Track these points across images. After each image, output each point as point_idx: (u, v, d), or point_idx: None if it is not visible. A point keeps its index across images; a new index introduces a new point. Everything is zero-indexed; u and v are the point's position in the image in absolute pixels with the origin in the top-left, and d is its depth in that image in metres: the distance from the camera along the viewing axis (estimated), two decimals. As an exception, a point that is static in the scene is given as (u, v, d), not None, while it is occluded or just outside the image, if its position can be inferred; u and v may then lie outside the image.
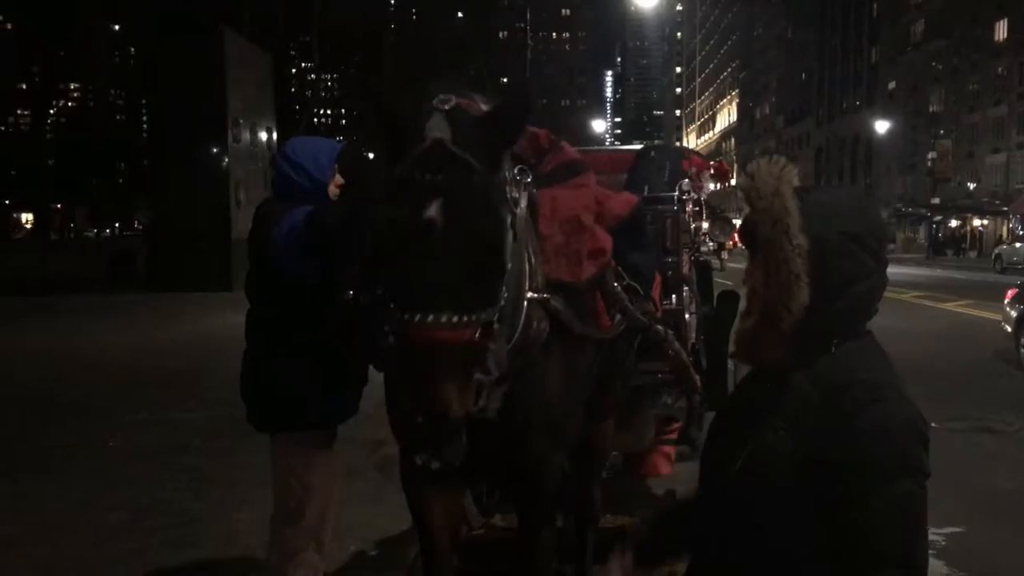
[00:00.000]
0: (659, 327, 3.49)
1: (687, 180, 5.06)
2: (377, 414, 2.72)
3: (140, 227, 72.81)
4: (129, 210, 77.01)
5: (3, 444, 6.81)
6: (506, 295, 2.14)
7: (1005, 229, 48.44)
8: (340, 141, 3.45)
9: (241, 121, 23.38)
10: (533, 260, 2.57)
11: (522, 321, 2.43)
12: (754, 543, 1.66)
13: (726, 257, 5.57)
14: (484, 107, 2.26)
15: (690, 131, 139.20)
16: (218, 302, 18.59)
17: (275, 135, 26.53)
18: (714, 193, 5.73)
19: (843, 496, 1.55)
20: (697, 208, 5.12)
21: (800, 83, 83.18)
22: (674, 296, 4.61)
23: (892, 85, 64.07)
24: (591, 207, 2.93)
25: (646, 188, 5.04)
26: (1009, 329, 11.44)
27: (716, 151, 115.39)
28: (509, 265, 2.13)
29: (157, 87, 23.92)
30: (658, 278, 3.80)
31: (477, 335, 2.01)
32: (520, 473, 2.77)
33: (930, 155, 53.86)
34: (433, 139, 2.06)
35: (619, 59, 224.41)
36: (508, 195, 2.18)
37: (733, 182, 3.73)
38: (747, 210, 1.72)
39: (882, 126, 55.62)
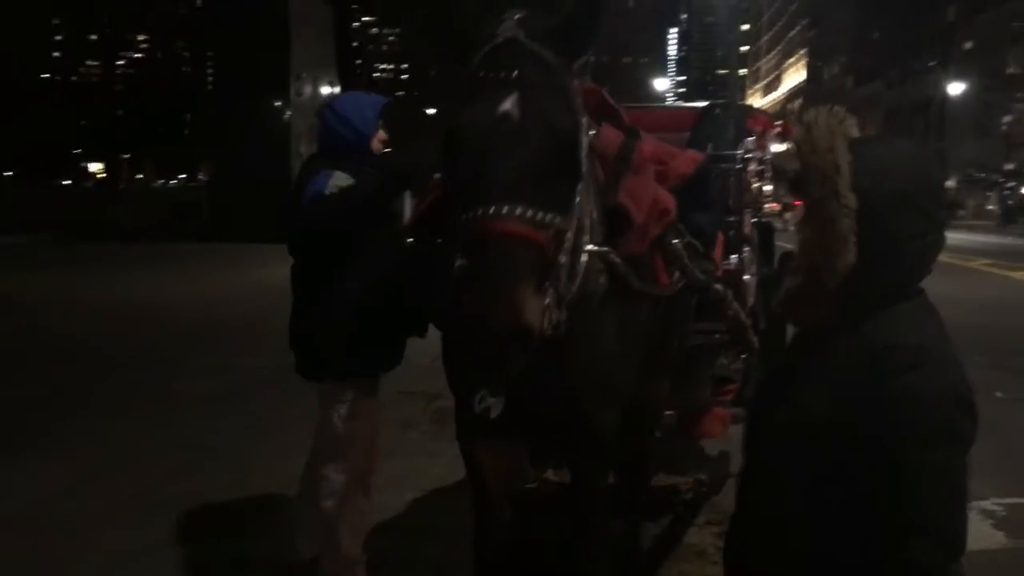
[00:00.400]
0: (718, 286, 3.44)
1: (751, 139, 4.96)
2: (433, 367, 2.74)
3: (204, 178, 74.04)
4: (194, 161, 78.36)
5: (68, 388, 7.05)
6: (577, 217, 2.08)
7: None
8: (387, 98, 3.42)
9: (303, 75, 23.59)
10: (595, 214, 2.54)
11: (581, 272, 2.37)
12: (789, 502, 1.65)
13: (790, 218, 5.48)
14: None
15: (755, 91, 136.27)
16: (278, 253, 18.68)
17: (337, 89, 26.69)
18: (779, 153, 5.60)
19: (879, 462, 1.51)
20: (761, 168, 5.03)
21: (872, 43, 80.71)
22: (734, 256, 4.54)
23: (968, 45, 61.78)
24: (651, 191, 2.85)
25: (709, 146, 4.95)
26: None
27: (781, 112, 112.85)
28: (584, 169, 2.08)
29: (221, 39, 24.19)
30: (720, 238, 3.74)
31: (550, 240, 1.95)
32: (573, 428, 2.76)
33: (1005, 119, 52.01)
34: (506, 36, 2.05)
35: (684, 16, 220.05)
36: (581, 108, 2.13)
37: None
38: (798, 164, 1.67)
39: (956, 88, 53.80)
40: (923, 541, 1.49)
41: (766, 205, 5.27)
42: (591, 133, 2.47)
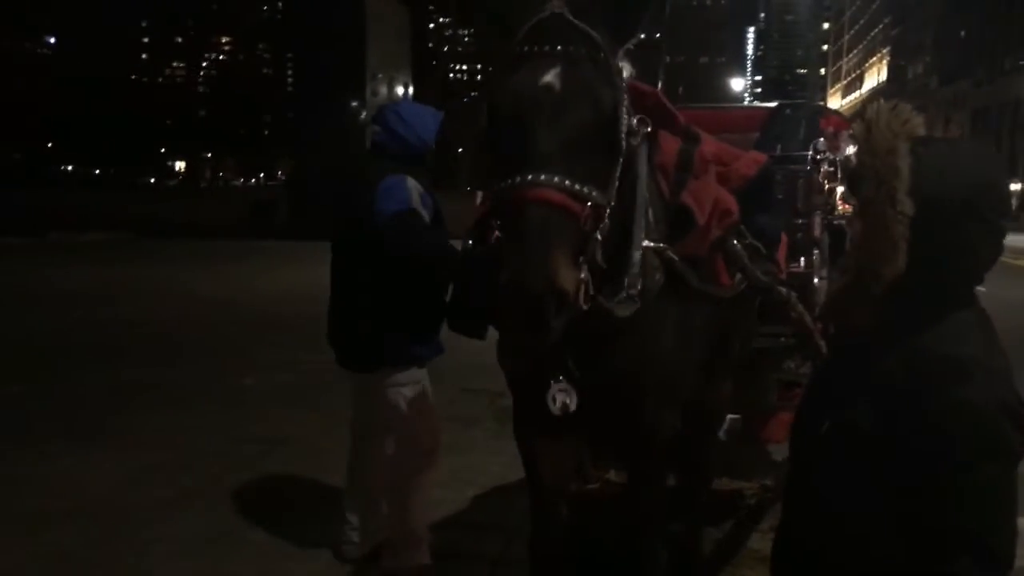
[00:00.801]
0: (782, 289, 3.39)
1: (822, 140, 4.86)
2: (496, 365, 2.77)
3: (283, 177, 75.62)
4: (273, 160, 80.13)
5: (144, 378, 7.25)
6: (614, 205, 2.09)
7: None
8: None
9: (379, 75, 23.98)
10: (651, 212, 2.53)
11: (637, 268, 2.37)
12: (833, 512, 1.61)
13: (857, 219, 5.35)
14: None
15: (835, 91, 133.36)
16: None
17: (411, 89, 27.02)
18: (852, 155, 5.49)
19: (924, 475, 1.46)
20: (833, 169, 4.92)
21: (958, 41, 78.25)
22: (803, 259, 4.46)
23: (1061, 43, 59.58)
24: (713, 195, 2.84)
25: (779, 147, 4.87)
26: None
27: (862, 112, 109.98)
28: (624, 146, 2.09)
29: (301, 41, 24.73)
30: (784, 239, 3.68)
31: (588, 212, 1.96)
32: (630, 428, 2.74)
33: (1100, 119, 49.98)
34: (553, 11, 2.06)
35: (762, 14, 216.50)
36: (623, 87, 2.14)
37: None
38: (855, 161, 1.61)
39: (1047, 87, 51.94)
40: (969, 557, 1.45)
41: (839, 208, 5.16)
42: (647, 129, 2.46)
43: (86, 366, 7.69)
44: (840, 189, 5.29)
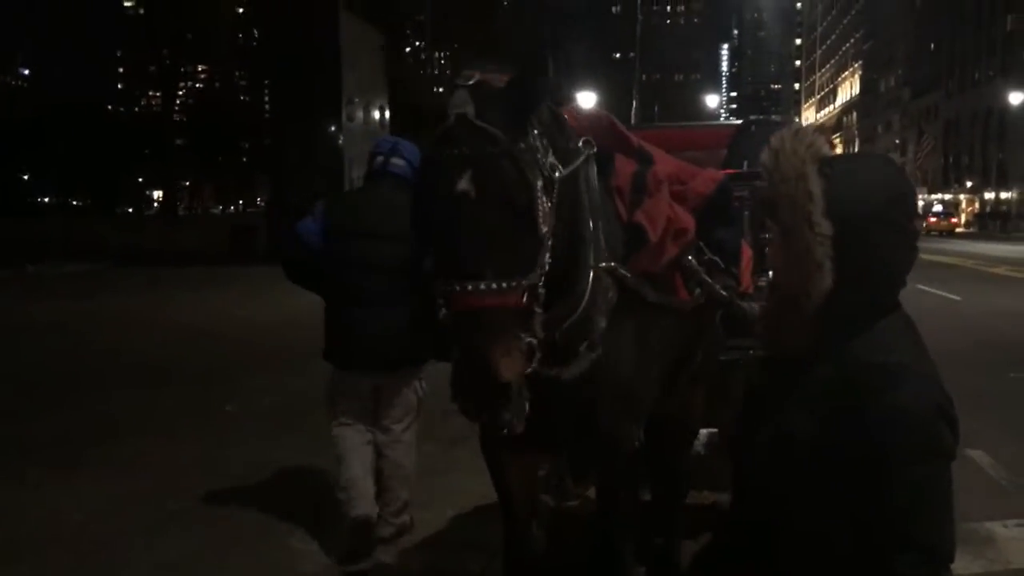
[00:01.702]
0: (742, 303, 3.48)
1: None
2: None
3: (262, 203, 75.49)
4: (252, 187, 79.91)
5: (125, 407, 7.24)
6: (550, 261, 2.19)
7: None
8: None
9: (355, 100, 24.00)
10: (601, 232, 2.61)
11: (588, 289, 2.48)
12: (777, 520, 1.66)
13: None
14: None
15: (809, 105, 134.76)
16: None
17: (387, 113, 27.10)
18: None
19: (863, 480, 1.52)
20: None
21: (929, 54, 79.33)
22: (771, 272, 4.55)
23: (1029, 54, 60.47)
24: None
25: (745, 163, 4.98)
26: None
27: (837, 125, 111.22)
28: (545, 229, 2.17)
29: (277, 67, 24.78)
30: (748, 253, 3.76)
31: (521, 299, 2.08)
32: (593, 442, 2.82)
33: (1068, 128, 50.75)
34: (456, 114, 2.14)
35: (735, 31, 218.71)
36: (539, 162, 2.22)
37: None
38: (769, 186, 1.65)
39: (1017, 97, 52.60)
40: (913, 554, 1.50)
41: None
42: (592, 151, 2.58)
43: (67, 396, 7.67)
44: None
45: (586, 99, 29.96)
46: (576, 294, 2.46)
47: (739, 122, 6.16)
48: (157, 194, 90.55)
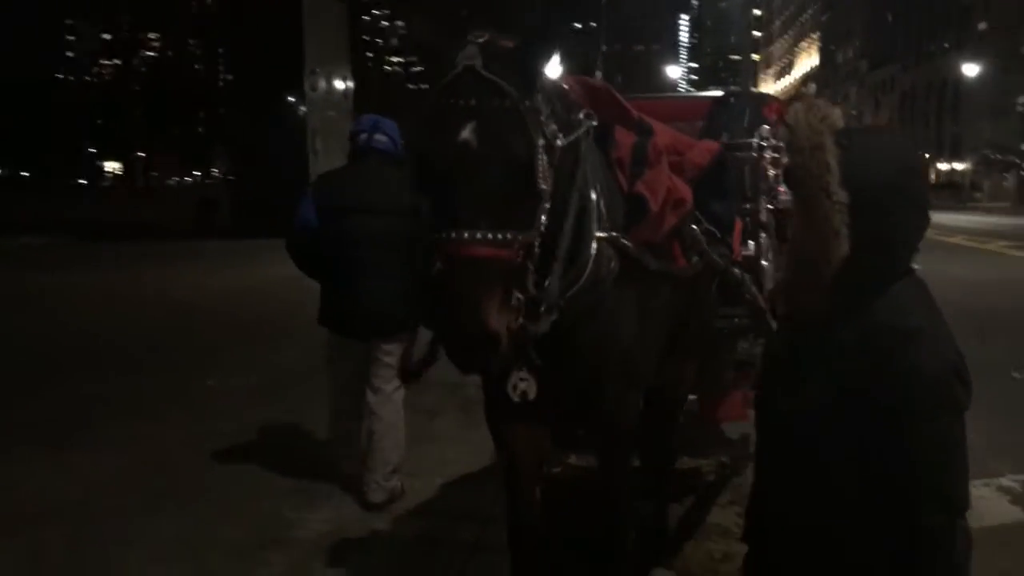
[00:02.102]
0: (736, 271, 3.56)
1: (767, 127, 5.05)
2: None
3: (220, 175, 74.31)
4: (209, 158, 78.69)
5: (105, 386, 7.15)
6: (546, 224, 2.24)
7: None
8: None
9: (317, 70, 23.65)
10: (603, 203, 2.67)
11: (592, 259, 2.55)
12: (803, 481, 1.75)
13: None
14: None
15: (768, 76, 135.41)
16: (298, 248, 19.11)
17: (350, 83, 26.76)
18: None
19: (883, 437, 1.61)
20: (777, 155, 5.11)
21: (886, 26, 80.00)
22: (751, 243, 4.64)
23: (983, 26, 61.20)
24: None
25: (724, 135, 5.04)
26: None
27: (795, 97, 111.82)
28: (544, 187, 2.22)
29: (234, 36, 24.32)
30: (739, 224, 3.85)
31: (516, 255, 2.13)
32: (595, 410, 2.88)
33: (1021, 99, 51.57)
34: (465, 66, 2.18)
35: (695, 2, 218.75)
36: (543, 124, 2.26)
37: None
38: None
39: (971, 69, 53.37)
40: (934, 504, 1.61)
41: (782, 193, 5.35)
42: (593, 123, 2.62)
43: (44, 376, 7.53)
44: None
45: (550, 70, 29.88)
46: (579, 264, 2.52)
47: (718, 93, 6.22)
48: (110, 166, 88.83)
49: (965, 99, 61.11)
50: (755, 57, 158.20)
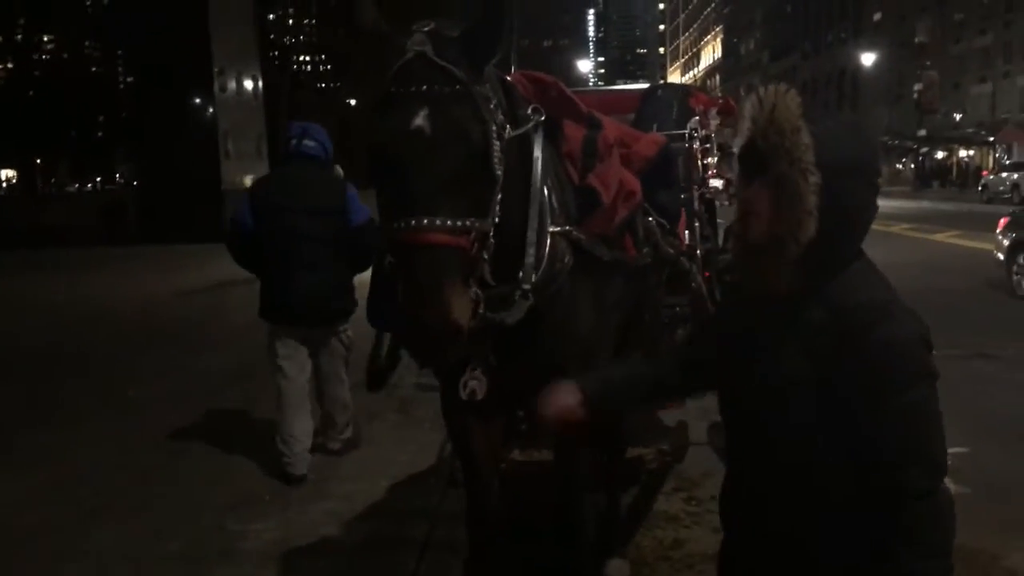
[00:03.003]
0: (684, 260, 3.60)
1: (696, 118, 5.14)
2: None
3: (122, 180, 71.88)
4: (110, 163, 76.09)
5: (22, 397, 6.90)
6: (500, 215, 2.23)
7: (991, 159, 48.55)
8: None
9: (226, 69, 23.12)
10: (555, 197, 2.67)
11: (547, 253, 2.54)
12: (780, 457, 1.77)
13: (733, 192, 5.67)
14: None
15: (674, 69, 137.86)
16: (212, 253, 18.52)
17: (260, 83, 26.25)
18: (719, 129, 5.79)
19: (863, 408, 1.66)
20: (706, 145, 5.21)
21: (785, 17, 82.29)
22: (687, 232, 4.71)
23: (878, 16, 63.48)
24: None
25: (654, 127, 5.11)
26: (1001, 257, 11.65)
27: (701, 89, 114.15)
28: (499, 172, 2.21)
29: (135, 37, 23.61)
30: (683, 215, 3.90)
31: (471, 244, 2.11)
32: None
33: (916, 87, 53.50)
34: (416, 51, 2.15)
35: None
36: (494, 112, 2.25)
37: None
38: (747, 137, 1.75)
39: (868, 58, 55.25)
40: (918, 469, 1.66)
41: (711, 181, 5.46)
42: (541, 118, 2.62)
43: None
44: (712, 163, 5.60)
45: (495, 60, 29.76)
46: (535, 258, 2.50)
47: (645, 86, 6.32)
48: (6, 174, 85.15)
49: (863, 87, 63.31)
50: (661, 50, 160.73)
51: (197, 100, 22.59)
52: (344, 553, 3.98)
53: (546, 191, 2.61)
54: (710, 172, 5.47)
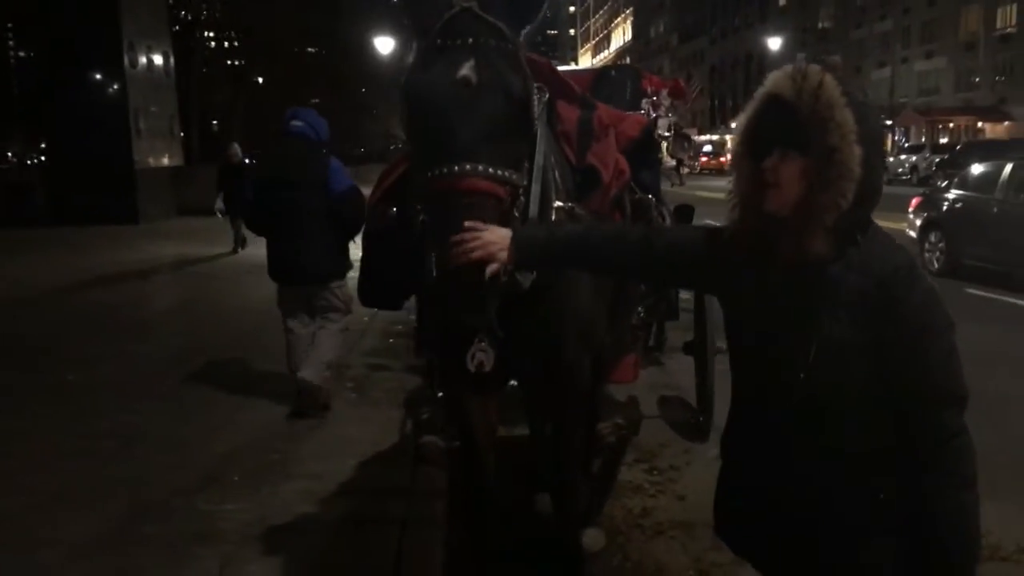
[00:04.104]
0: None
1: (650, 99, 5.27)
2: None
3: (15, 159, 68.89)
4: (11, 141, 72.75)
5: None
6: (526, 180, 2.29)
7: (890, 142, 50.42)
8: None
9: (136, 46, 22.29)
10: (558, 173, 2.74)
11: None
12: (826, 442, 1.87)
13: (685, 172, 5.83)
14: None
15: (585, 50, 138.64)
16: (128, 234, 18.07)
17: (172, 60, 25.41)
18: (670, 109, 5.94)
19: (910, 358, 1.81)
20: (669, 131, 5.35)
21: (693, 1, 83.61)
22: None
23: (783, 1, 65.10)
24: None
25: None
26: (913, 235, 12.30)
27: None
28: (537, 128, 2.27)
29: (32, 11, 22.53)
30: None
31: (509, 195, 2.15)
32: (556, 375, 2.96)
33: (820, 71, 55.03)
34: (461, 6, 2.21)
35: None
36: (530, 73, 2.31)
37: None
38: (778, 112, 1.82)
39: (774, 43, 56.56)
40: (955, 408, 1.83)
41: (665, 162, 5.61)
42: (545, 98, 2.69)
43: None
44: (663, 143, 5.75)
45: (383, 44, 29.52)
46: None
47: (599, 67, 6.43)
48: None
49: (770, 71, 64.27)
50: (571, 32, 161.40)
51: (108, 76, 21.68)
52: (324, 532, 3.97)
53: (553, 166, 2.68)
54: (666, 152, 5.61)
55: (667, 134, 5.77)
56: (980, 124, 41.56)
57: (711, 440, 5.24)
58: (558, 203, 2.67)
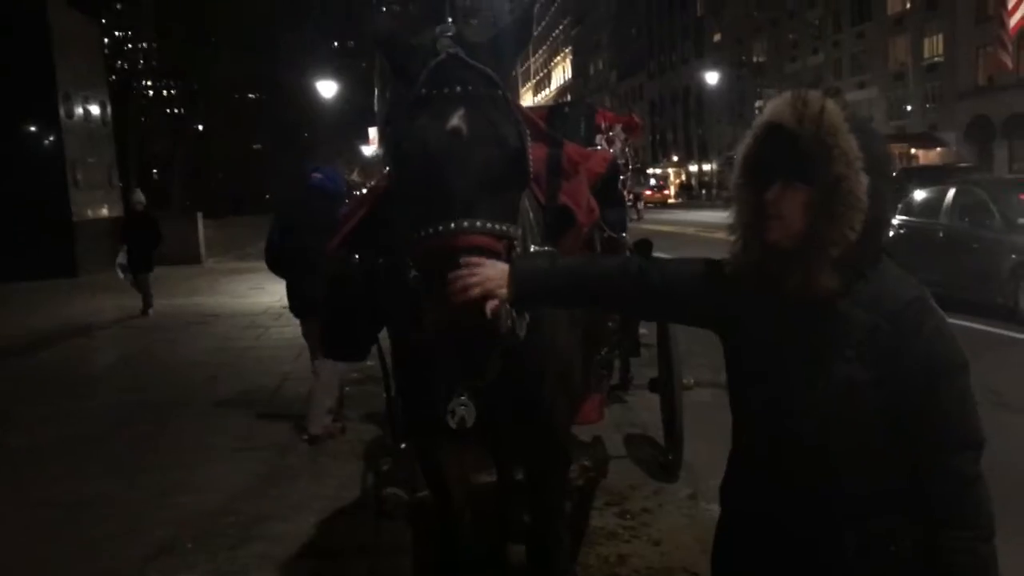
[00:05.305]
0: None
1: (605, 134, 5.20)
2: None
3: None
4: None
5: None
6: (520, 229, 2.18)
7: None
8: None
9: (72, 94, 21.87)
10: (532, 215, 2.64)
11: None
12: (831, 455, 1.76)
13: (642, 207, 5.78)
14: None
15: (526, 89, 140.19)
16: (67, 289, 17.55)
17: (109, 109, 25.00)
18: (625, 145, 5.89)
19: (922, 398, 1.70)
20: (624, 161, 5.29)
21: (631, 38, 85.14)
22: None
23: (718, 37, 66.57)
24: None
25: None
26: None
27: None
28: (532, 174, 2.17)
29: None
30: None
31: (505, 251, 2.03)
32: (535, 420, 2.82)
33: (757, 104, 56.16)
34: (448, 53, 2.10)
35: (450, 19, 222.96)
36: (521, 119, 2.21)
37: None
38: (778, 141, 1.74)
39: (711, 77, 57.71)
40: (970, 452, 1.73)
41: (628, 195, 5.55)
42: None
43: None
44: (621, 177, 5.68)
45: (327, 88, 29.41)
46: None
47: (551, 104, 6.38)
48: None
49: (707, 105, 66.08)
50: (512, 73, 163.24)
51: (44, 127, 21.20)
52: (286, 598, 3.77)
53: (528, 208, 2.57)
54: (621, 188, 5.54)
55: (628, 169, 5.72)
56: (913, 151, 42.56)
57: (681, 479, 5.14)
58: (533, 247, 2.56)
